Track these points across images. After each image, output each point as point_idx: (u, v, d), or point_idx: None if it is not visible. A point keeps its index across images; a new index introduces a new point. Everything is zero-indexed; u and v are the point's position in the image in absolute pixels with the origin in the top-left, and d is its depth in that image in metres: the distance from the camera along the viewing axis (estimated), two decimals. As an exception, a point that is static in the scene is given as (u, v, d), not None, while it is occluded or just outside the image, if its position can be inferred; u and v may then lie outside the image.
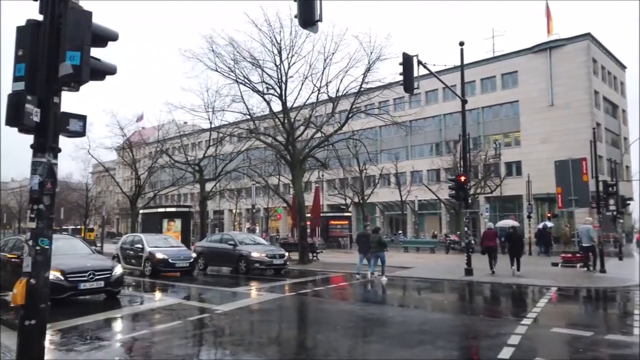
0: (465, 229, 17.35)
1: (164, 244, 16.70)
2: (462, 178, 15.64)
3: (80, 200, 42.92)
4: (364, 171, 39.55)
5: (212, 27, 24.83)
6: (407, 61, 12.66)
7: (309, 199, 34.09)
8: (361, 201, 40.43)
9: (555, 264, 18.54)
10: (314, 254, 22.23)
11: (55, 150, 4.30)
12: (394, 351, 6.23)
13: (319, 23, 8.25)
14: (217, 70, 19.92)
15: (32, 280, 4.05)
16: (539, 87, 44.68)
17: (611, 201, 27.92)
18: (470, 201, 36.81)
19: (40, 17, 4.39)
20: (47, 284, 4.17)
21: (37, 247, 4.09)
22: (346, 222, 35.94)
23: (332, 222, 35.69)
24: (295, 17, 8.22)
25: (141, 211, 26.52)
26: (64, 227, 45.90)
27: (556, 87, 43.69)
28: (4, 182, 78.42)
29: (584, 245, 16.44)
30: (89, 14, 4.22)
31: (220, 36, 20.02)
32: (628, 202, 37.71)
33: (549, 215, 37.48)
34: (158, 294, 12.58)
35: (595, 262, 16.18)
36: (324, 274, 16.71)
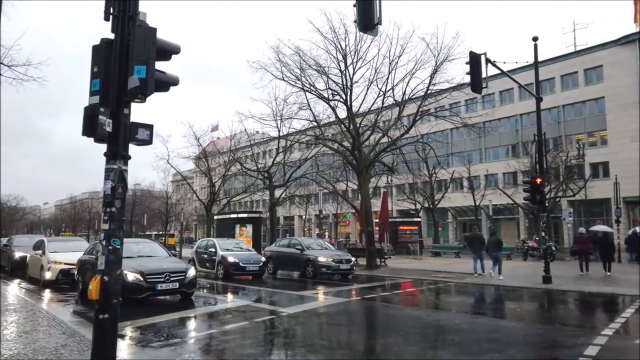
0: (543, 234, 16.28)
1: (236, 248, 17.38)
2: (538, 180, 14.77)
3: (161, 208, 45.77)
4: (434, 175, 38.55)
5: (278, 37, 25.92)
6: (474, 60, 12.24)
7: (377, 205, 33.90)
8: (431, 206, 39.43)
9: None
10: (382, 260, 22.00)
11: (126, 158, 4.67)
12: (458, 359, 6.02)
13: (379, 26, 8.27)
14: (284, 79, 20.48)
15: (106, 277, 4.42)
16: (627, 82, 41.10)
17: None
18: (548, 205, 34.72)
19: (112, 36, 4.80)
20: (119, 281, 4.52)
21: (110, 247, 4.46)
22: (416, 227, 35.22)
23: (402, 227, 35.14)
24: (355, 21, 8.25)
25: (215, 217, 27.78)
26: (147, 233, 49.20)
27: (647, 80, 39.99)
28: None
29: None
30: (153, 31, 4.55)
31: (286, 46, 20.46)
32: None
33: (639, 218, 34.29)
34: (229, 296, 13.08)
35: None
36: (391, 280, 16.51)
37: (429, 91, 20.17)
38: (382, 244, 29.93)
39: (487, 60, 12.48)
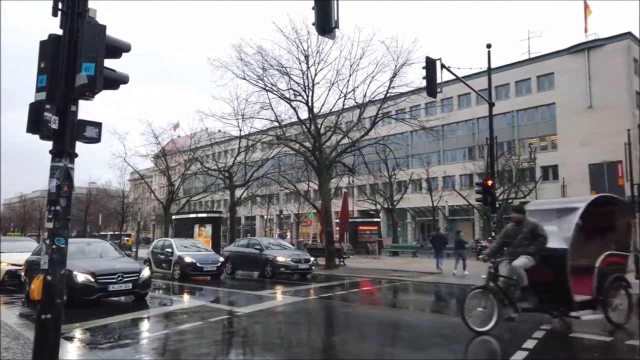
0: (493, 234, 16.97)
1: (193, 249, 17.17)
2: (489, 182, 15.38)
3: (117, 207, 44.50)
4: (393, 176, 39.30)
5: (240, 37, 25.64)
6: (430, 65, 12.63)
7: (338, 205, 34.21)
8: (390, 207, 40.16)
9: (590, 271, 17.88)
10: (341, 259, 22.26)
11: (72, 156, 4.59)
12: (405, 353, 6.25)
13: (340, 29, 8.46)
14: (245, 79, 20.39)
15: (49, 277, 4.33)
16: (576, 89, 43.30)
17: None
18: (500, 206, 36.03)
19: (60, 32, 4.71)
20: (63, 281, 4.44)
21: (54, 246, 4.37)
22: (375, 227, 35.78)
23: (361, 227, 35.62)
24: (313, 24, 8.37)
25: (174, 217, 27.31)
26: (102, 233, 47.71)
27: (595, 88, 42.23)
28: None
29: None
30: (103, 28, 4.50)
31: (248, 45, 20.33)
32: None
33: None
34: (185, 297, 12.94)
35: None
36: (349, 279, 16.74)
37: (389, 94, 20.59)
38: (342, 243, 30.24)
39: (442, 66, 12.90)
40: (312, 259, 17.86)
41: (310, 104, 20.76)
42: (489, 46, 15.90)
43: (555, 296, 7.26)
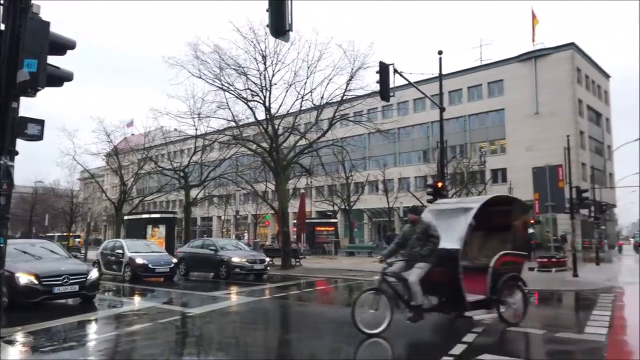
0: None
1: (145, 250, 16.81)
2: (439, 184, 15.94)
3: (66, 207, 42.71)
4: (350, 178, 39.85)
5: (196, 35, 25.04)
6: (383, 70, 12.98)
7: (297, 206, 34.32)
8: (347, 207, 40.69)
9: (531, 269, 18.84)
10: (297, 260, 22.39)
11: (12, 153, 4.49)
12: (355, 350, 6.47)
13: (298, 32, 8.60)
14: (201, 77, 20.17)
15: (-13, 277, 4.22)
16: (524, 96, 45.39)
17: (592, 208, 28.45)
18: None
19: (1, 27, 4.59)
20: (3, 281, 4.33)
21: (-8, 246, 4.27)
22: (332, 228, 36.11)
23: (319, 228, 35.88)
24: (267, 26, 8.43)
25: (126, 217, 26.56)
26: (49, 234, 45.65)
27: (541, 95, 44.41)
28: None
29: None
30: (46, 24, 4.43)
31: (205, 44, 20.13)
32: (604, 207, 38.31)
33: (532, 221, 37.94)
34: (136, 298, 12.69)
35: None
36: (304, 279, 16.89)
37: (345, 96, 20.90)
38: (299, 244, 30.40)
39: (395, 71, 13.28)
40: (267, 259, 17.88)
41: (267, 104, 20.80)
42: (440, 53, 16.46)
43: (452, 296, 7.28)
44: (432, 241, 7.05)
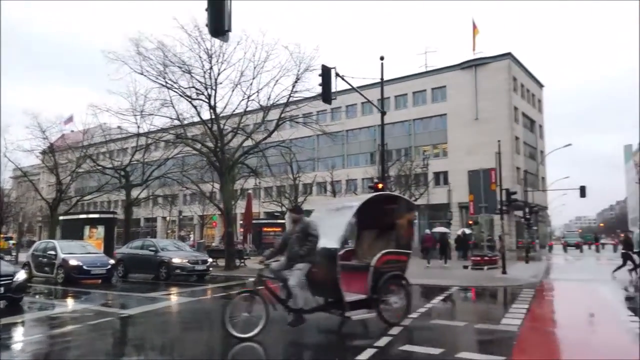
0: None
1: (81, 251, 16.23)
2: (380, 185, 16.47)
3: (-4, 207, 40.15)
4: (298, 179, 40.11)
5: (139, 31, 24.12)
6: (325, 73, 13.28)
7: (245, 207, 34.09)
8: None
9: (465, 267, 19.88)
10: (242, 260, 22.31)
11: None
12: (289, 347, 6.65)
13: (231, 33, 8.59)
14: (142, 74, 19.69)
15: None
16: (465, 102, 47.47)
17: (526, 209, 30.19)
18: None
19: None
20: None
21: None
22: (280, 229, 36.14)
23: (266, 229, 35.86)
24: (206, 25, 8.45)
25: (61, 217, 25.39)
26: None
27: (480, 102, 46.62)
28: None
29: (634, 250, 16.25)
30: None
31: (148, 40, 19.60)
32: (535, 209, 40.85)
33: (470, 222, 39.82)
34: (69, 301, 12.26)
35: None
36: (247, 279, 16.89)
37: (292, 98, 21.08)
38: (245, 245, 30.31)
39: (337, 74, 13.62)
40: (210, 260, 17.73)
41: (213, 103, 20.61)
42: (382, 58, 16.97)
43: (336, 296, 7.11)
44: (310, 240, 6.85)
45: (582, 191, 37.37)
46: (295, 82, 20.59)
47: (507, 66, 46.00)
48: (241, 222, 32.96)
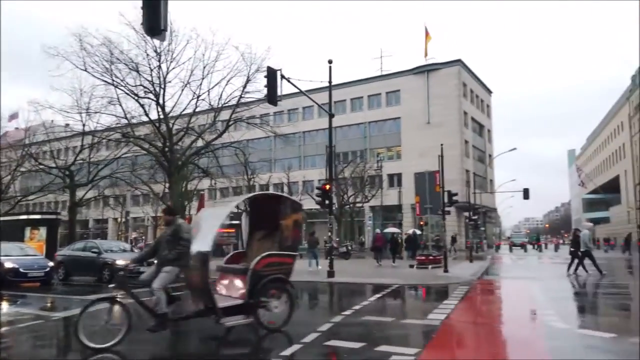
0: (329, 234, 18.57)
1: (18, 253, 15.66)
2: (327, 187, 16.76)
3: None
4: (252, 180, 40.03)
5: (82, 26, 23.14)
6: (271, 75, 13.42)
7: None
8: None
9: (412, 266, 20.53)
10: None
11: None
12: (200, 346, 6.74)
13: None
14: (86, 70, 19.18)
15: None
16: (418, 106, 48.79)
17: (471, 211, 31.38)
18: (350, 209, 38.80)
19: None
20: None
21: None
22: (233, 230, 35.84)
23: (219, 230, 35.42)
24: (142, 24, 8.37)
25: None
26: None
27: (432, 106, 48.06)
28: None
29: (580, 250, 16.79)
30: None
31: (92, 35, 19.05)
32: (482, 210, 42.54)
33: (422, 223, 40.97)
34: (2, 305, 11.81)
35: (577, 266, 16.63)
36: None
37: (242, 99, 21.10)
38: (196, 246, 29.89)
39: (282, 77, 13.80)
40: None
41: (162, 102, 20.34)
42: (330, 62, 17.25)
43: (209, 302, 6.70)
44: (182, 244, 6.48)
45: (526, 193, 39.21)
46: (246, 83, 20.69)
47: (457, 72, 47.66)
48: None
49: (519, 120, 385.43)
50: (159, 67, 19.73)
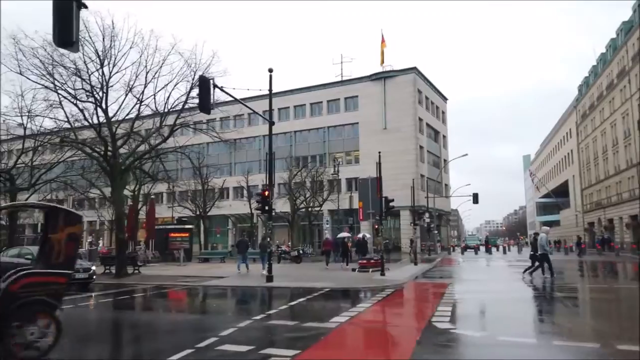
0: (268, 239, 18.88)
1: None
2: (266, 192, 17.06)
3: None
4: (206, 184, 39.95)
5: (19, 27, 22.41)
6: (203, 84, 13.62)
7: (157, 212, 33.18)
8: (202, 213, 40.70)
9: (354, 270, 21.05)
10: (136, 267, 21.94)
11: None
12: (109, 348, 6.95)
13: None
14: (21, 74, 18.81)
15: None
16: (375, 112, 49.73)
17: (426, 215, 32.10)
18: (311, 212, 39.14)
19: None
20: None
21: None
22: (187, 234, 35.69)
23: (173, 234, 35.18)
24: (53, 37, 8.39)
25: None
26: None
27: (389, 112, 49.10)
28: None
29: (538, 253, 17.10)
30: None
31: (30, 38, 18.72)
32: (421, 213, 43.80)
33: (375, 227, 41.79)
34: None
35: (545, 268, 16.84)
36: (132, 287, 16.75)
37: (188, 105, 21.16)
38: (147, 251, 29.69)
39: (215, 85, 14.03)
40: (93, 268, 17.32)
41: (104, 106, 20.17)
42: (270, 71, 17.53)
43: None
44: None
45: (475, 198, 40.62)
46: (191, 89, 20.75)
47: (413, 80, 48.88)
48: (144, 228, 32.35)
49: (485, 125, 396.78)
50: (101, 71, 19.57)
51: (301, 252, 31.23)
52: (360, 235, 32.64)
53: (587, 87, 57.44)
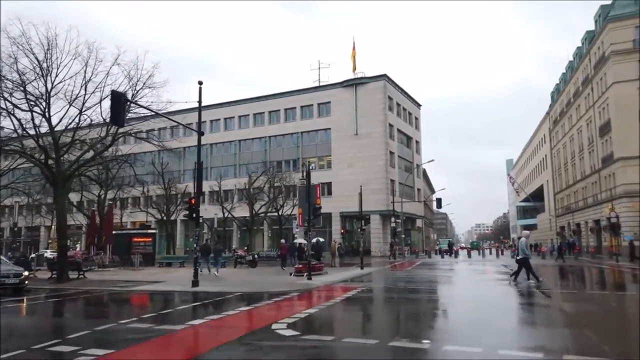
0: (195, 245, 19.51)
1: None
2: (193, 201, 17.69)
3: None
4: (169, 189, 40.55)
5: None
6: (115, 99, 14.20)
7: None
8: (165, 218, 41.29)
9: (291, 274, 21.66)
10: (81, 272, 22.47)
11: None
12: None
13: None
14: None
15: None
16: (347, 118, 50.53)
17: (394, 219, 32.56)
18: (284, 218, 39.72)
19: None
20: None
21: None
22: (150, 239, 36.19)
23: (136, 239, 35.64)
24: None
25: None
26: None
27: (360, 118, 49.88)
28: None
29: (518, 257, 17.30)
30: None
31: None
32: (401, 218, 44.32)
33: (342, 231, 42.51)
34: None
35: (529, 274, 16.84)
36: (66, 292, 17.07)
37: (129, 114, 21.73)
38: (104, 256, 30.25)
39: (127, 100, 14.67)
40: (25, 273, 17.87)
41: (47, 115, 20.77)
42: (200, 83, 18.16)
43: None
44: None
45: (439, 203, 41.31)
46: (133, 98, 21.32)
47: (383, 86, 49.67)
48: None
49: (475, 130, 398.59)
50: (45, 78, 20.18)
51: (256, 256, 31.82)
52: (314, 240, 33.30)
53: (558, 94, 58.36)
